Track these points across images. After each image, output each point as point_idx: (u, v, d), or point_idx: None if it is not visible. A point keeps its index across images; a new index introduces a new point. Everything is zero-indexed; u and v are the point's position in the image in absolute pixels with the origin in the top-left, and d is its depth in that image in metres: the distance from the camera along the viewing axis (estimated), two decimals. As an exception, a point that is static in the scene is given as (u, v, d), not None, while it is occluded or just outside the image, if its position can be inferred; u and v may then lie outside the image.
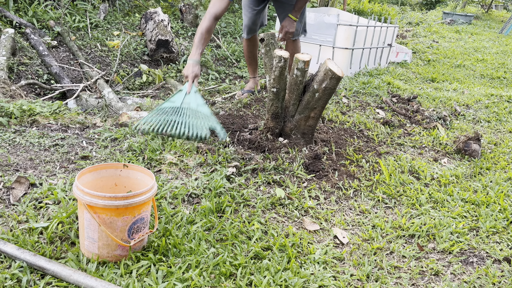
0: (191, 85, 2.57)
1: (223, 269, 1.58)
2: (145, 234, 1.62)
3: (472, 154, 2.95)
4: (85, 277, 1.44)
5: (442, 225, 2.07)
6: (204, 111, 2.46)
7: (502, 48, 8.45)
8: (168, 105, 2.47)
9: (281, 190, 2.19)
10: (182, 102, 2.49)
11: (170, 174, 2.24)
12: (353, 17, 5.32)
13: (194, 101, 2.50)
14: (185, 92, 2.54)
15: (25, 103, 2.92)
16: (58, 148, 2.47)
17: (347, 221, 2.07)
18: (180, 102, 2.48)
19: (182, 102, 2.49)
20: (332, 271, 1.68)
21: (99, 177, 1.73)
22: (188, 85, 2.57)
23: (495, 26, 12.31)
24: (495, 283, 1.72)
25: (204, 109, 2.48)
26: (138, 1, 6.13)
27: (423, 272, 1.76)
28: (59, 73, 3.86)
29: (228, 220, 1.92)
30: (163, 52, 4.62)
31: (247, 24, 3.35)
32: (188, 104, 2.48)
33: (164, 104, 2.48)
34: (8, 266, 1.51)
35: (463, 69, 6.35)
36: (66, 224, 1.73)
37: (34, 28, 4.33)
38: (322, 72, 2.42)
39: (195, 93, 2.55)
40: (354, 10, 9.52)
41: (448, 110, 4.03)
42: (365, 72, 5.19)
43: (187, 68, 2.61)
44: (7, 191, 1.96)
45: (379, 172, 2.56)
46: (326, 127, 3.07)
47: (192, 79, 2.59)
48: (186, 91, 2.55)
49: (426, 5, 14.35)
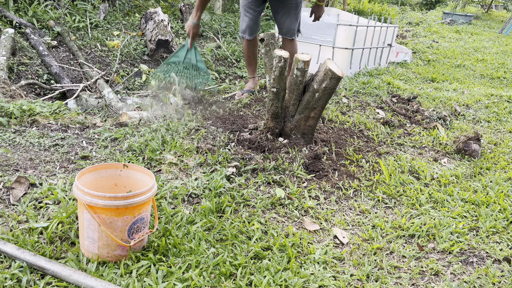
0: (192, 42, 3.22)
1: (223, 269, 1.58)
2: (145, 234, 1.62)
3: (472, 154, 2.95)
4: (85, 277, 1.44)
5: (442, 225, 2.07)
6: (202, 66, 3.23)
7: (502, 48, 8.45)
8: (173, 59, 3.24)
9: (281, 190, 2.19)
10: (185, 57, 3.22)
11: (170, 174, 2.24)
12: (353, 17, 5.32)
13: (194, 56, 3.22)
14: (187, 48, 3.22)
15: (25, 103, 2.92)
16: (58, 148, 2.47)
17: (347, 221, 2.07)
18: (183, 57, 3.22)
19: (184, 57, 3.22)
20: (332, 271, 1.68)
21: (99, 177, 1.73)
22: (189, 42, 3.21)
23: (495, 26, 12.32)
24: (495, 283, 1.72)
25: (202, 64, 3.23)
26: (138, 1, 6.13)
27: (423, 272, 1.76)
28: (59, 73, 3.86)
29: (228, 220, 1.92)
30: (163, 52, 4.62)
31: (249, 24, 3.40)
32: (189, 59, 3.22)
33: (171, 58, 3.23)
34: (8, 266, 1.51)
35: (463, 69, 6.36)
36: (66, 224, 1.73)
37: (34, 28, 4.33)
38: (322, 72, 2.42)
39: (194, 50, 3.24)
40: (354, 10, 9.52)
41: (448, 110, 4.03)
42: (365, 72, 5.20)
43: (188, 27, 3.19)
44: (7, 191, 1.96)
45: (379, 172, 2.56)
46: (326, 127, 3.07)
47: (192, 37, 3.21)
48: (187, 46, 3.22)
49: (426, 5, 14.35)
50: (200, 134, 2.72)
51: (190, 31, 3.19)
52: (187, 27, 3.20)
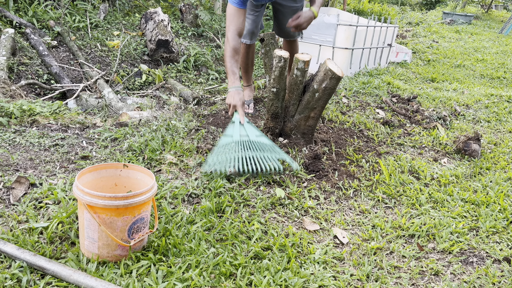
0: (243, 114, 2.45)
1: (223, 269, 1.58)
2: (145, 234, 1.62)
3: (472, 154, 2.95)
4: (85, 277, 1.44)
5: (442, 225, 2.07)
6: (266, 141, 2.37)
7: (502, 48, 8.45)
8: (226, 141, 2.35)
9: (281, 190, 2.19)
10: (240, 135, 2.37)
11: (170, 174, 2.24)
12: (353, 17, 5.32)
13: (251, 132, 2.40)
14: (238, 123, 2.43)
15: (25, 103, 2.92)
16: (58, 148, 2.47)
17: (347, 221, 2.07)
18: (238, 135, 2.36)
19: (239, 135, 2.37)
20: (332, 271, 1.68)
21: (99, 177, 1.73)
22: (240, 115, 2.44)
23: (495, 26, 12.31)
24: (495, 283, 1.72)
25: (265, 139, 2.38)
26: (138, 1, 6.13)
27: (423, 272, 1.76)
28: (59, 73, 3.86)
29: (228, 220, 1.92)
30: (163, 52, 4.62)
31: (250, 28, 3.11)
32: (246, 136, 2.37)
33: (222, 141, 2.36)
34: (8, 266, 1.51)
35: (463, 69, 6.36)
36: (66, 224, 1.73)
37: (34, 28, 4.33)
38: (322, 72, 2.42)
39: (248, 124, 2.45)
40: (354, 10, 9.52)
41: (448, 110, 4.03)
42: (365, 72, 5.20)
43: (231, 97, 2.45)
44: (7, 191, 1.96)
45: (379, 172, 2.56)
46: (326, 127, 3.07)
47: (242, 107, 2.46)
48: (237, 122, 2.43)
49: (426, 5, 14.35)
50: (200, 134, 2.72)
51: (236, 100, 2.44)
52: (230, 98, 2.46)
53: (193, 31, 5.59)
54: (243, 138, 2.35)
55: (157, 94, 4.01)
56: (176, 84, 4.12)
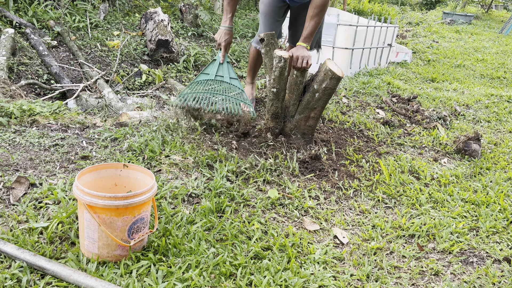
0: (224, 54, 2.64)
1: (223, 269, 1.58)
2: (145, 234, 1.62)
3: (472, 154, 2.95)
4: (85, 277, 1.44)
5: (442, 225, 2.07)
6: (236, 83, 2.62)
7: (502, 48, 8.44)
8: (202, 78, 2.64)
9: (274, 190, 2.17)
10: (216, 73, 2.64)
11: (170, 174, 2.24)
12: (353, 17, 5.32)
13: (227, 72, 2.63)
14: (219, 62, 2.64)
15: (25, 103, 2.92)
16: (58, 148, 2.47)
17: (347, 221, 2.07)
18: (214, 74, 2.63)
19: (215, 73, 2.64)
20: (332, 271, 1.68)
21: (99, 177, 1.73)
22: (221, 54, 2.63)
23: (495, 26, 12.31)
24: (495, 283, 1.72)
25: (236, 82, 2.62)
26: (138, 1, 6.13)
27: (423, 272, 1.76)
28: (59, 73, 3.86)
29: (228, 220, 1.92)
30: (163, 52, 4.62)
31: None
32: (221, 77, 2.63)
33: (200, 76, 2.64)
34: (8, 266, 1.51)
35: (463, 69, 6.35)
36: (66, 224, 1.73)
37: (34, 28, 4.33)
38: (322, 72, 2.42)
39: (227, 64, 2.66)
40: (354, 10, 9.52)
41: (448, 110, 4.03)
42: (365, 72, 5.19)
43: (218, 35, 2.63)
44: (7, 191, 1.96)
45: (379, 172, 2.56)
46: (326, 127, 3.06)
47: (225, 47, 2.62)
48: (219, 60, 2.63)
49: (426, 5, 14.35)
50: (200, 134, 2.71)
51: (222, 39, 2.62)
52: (218, 35, 2.65)
53: (193, 31, 5.59)
54: (218, 78, 2.64)
55: (157, 94, 4.00)
56: (176, 84, 4.12)
